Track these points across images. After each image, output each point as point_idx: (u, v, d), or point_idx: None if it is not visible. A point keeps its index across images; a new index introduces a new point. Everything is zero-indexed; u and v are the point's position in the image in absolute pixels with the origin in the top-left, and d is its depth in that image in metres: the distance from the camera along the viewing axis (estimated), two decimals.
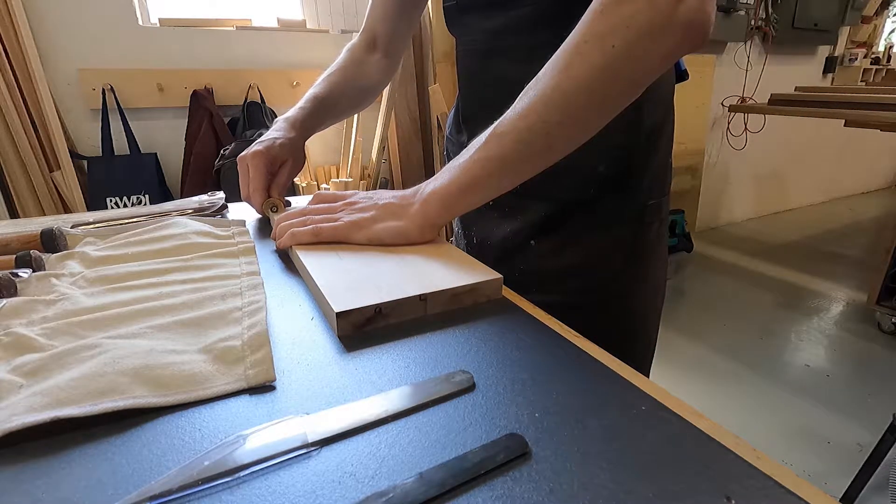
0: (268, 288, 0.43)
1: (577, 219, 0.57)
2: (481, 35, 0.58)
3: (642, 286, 0.60)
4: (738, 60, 2.98)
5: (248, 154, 0.62)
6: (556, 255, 0.58)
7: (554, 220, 0.58)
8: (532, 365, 0.33)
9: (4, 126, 1.50)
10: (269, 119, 1.86)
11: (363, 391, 0.30)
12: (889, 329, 2.06)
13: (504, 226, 0.61)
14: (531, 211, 0.59)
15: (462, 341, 0.36)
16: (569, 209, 0.57)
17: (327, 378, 0.32)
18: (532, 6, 0.52)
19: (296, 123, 0.66)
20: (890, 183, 4.56)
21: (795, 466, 1.38)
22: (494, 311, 0.40)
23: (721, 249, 3.05)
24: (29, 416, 0.26)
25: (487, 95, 0.56)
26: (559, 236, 0.58)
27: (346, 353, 0.34)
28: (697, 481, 0.23)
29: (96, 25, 1.63)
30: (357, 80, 0.73)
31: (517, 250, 0.60)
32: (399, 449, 0.26)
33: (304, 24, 2.00)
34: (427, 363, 0.33)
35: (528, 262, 0.59)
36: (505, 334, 0.37)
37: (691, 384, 1.77)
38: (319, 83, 0.71)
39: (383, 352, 0.35)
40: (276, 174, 0.64)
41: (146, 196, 1.72)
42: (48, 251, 0.49)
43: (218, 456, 0.24)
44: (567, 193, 0.56)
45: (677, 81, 0.64)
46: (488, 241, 0.64)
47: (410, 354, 0.34)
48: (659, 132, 0.57)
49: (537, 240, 0.59)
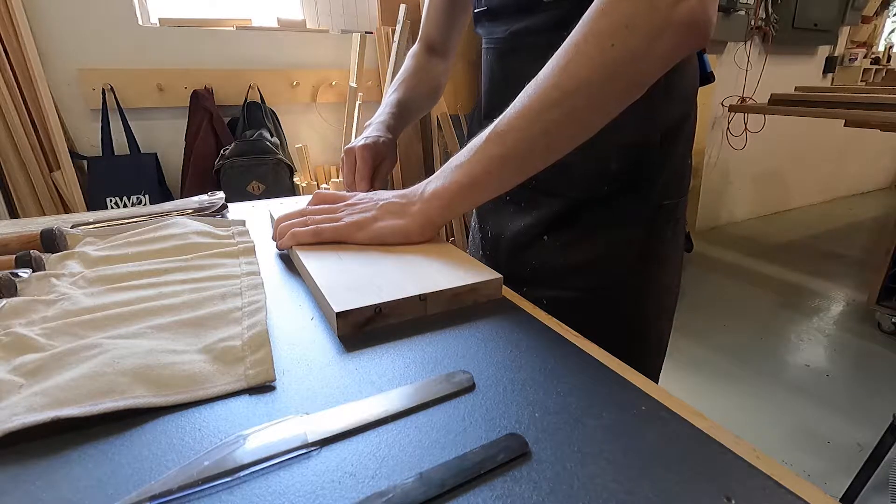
0: (268, 288, 0.43)
1: (589, 216, 0.57)
2: (503, 35, 0.59)
3: (654, 287, 0.59)
4: (738, 60, 2.98)
5: (357, 146, 0.64)
6: (567, 252, 0.58)
7: (566, 217, 0.58)
8: (532, 365, 0.33)
9: (4, 126, 1.50)
10: (269, 119, 1.86)
11: (363, 391, 0.30)
12: (889, 329, 2.06)
13: (518, 220, 0.62)
14: (544, 206, 0.59)
15: (462, 341, 0.36)
16: (581, 206, 0.57)
17: (327, 378, 0.32)
18: (557, 10, 0.52)
19: (389, 126, 0.70)
20: (890, 183, 4.55)
21: (795, 466, 1.38)
22: (494, 311, 0.40)
23: (721, 249, 3.05)
24: (29, 416, 0.26)
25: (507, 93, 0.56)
26: (572, 233, 0.58)
27: (346, 353, 0.34)
28: (697, 481, 0.23)
29: (96, 25, 1.63)
30: (427, 83, 0.78)
31: (530, 245, 0.60)
32: (399, 449, 0.26)
33: (304, 24, 2.00)
34: (427, 363, 0.33)
35: (540, 258, 0.59)
36: (505, 334, 0.37)
37: (691, 384, 1.77)
38: (397, 88, 0.75)
39: (383, 352, 0.35)
40: (378, 168, 0.66)
41: (146, 196, 1.72)
42: (48, 251, 0.49)
43: (218, 456, 0.24)
44: (579, 191, 0.56)
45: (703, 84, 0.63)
46: (502, 235, 0.64)
47: (410, 354, 0.34)
48: (676, 132, 0.56)
49: (550, 235, 0.59)
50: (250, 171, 1.73)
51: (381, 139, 0.66)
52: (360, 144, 0.64)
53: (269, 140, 1.77)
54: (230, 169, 1.71)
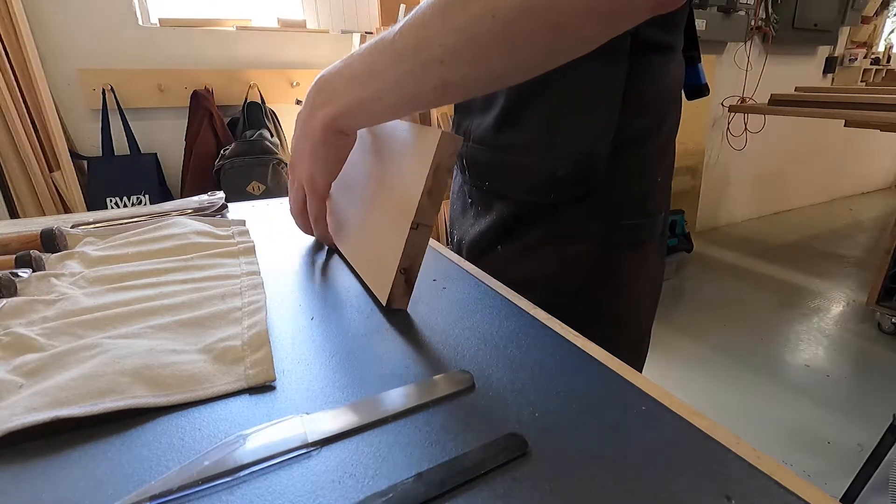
0: (268, 288, 0.43)
1: (537, 226, 0.55)
2: None
3: (602, 314, 0.55)
4: (738, 60, 2.97)
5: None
6: (518, 264, 0.56)
7: (515, 225, 0.56)
8: (532, 365, 0.33)
9: (4, 126, 1.50)
10: (269, 119, 1.86)
11: (363, 391, 0.30)
12: (889, 329, 2.06)
13: (475, 226, 0.61)
14: (495, 211, 0.58)
15: (462, 341, 0.36)
16: (529, 213, 0.55)
17: (327, 378, 0.32)
18: None
19: None
20: (890, 183, 4.55)
21: (795, 466, 1.38)
22: (494, 311, 0.40)
23: (721, 249, 3.05)
24: (29, 416, 0.26)
25: None
26: (520, 244, 0.56)
27: (346, 353, 0.34)
28: (697, 481, 0.23)
29: (96, 25, 1.63)
30: None
31: (486, 254, 0.59)
32: (399, 449, 0.26)
33: (304, 24, 2.00)
34: (427, 363, 0.33)
35: (494, 269, 0.55)
36: (505, 334, 0.37)
37: (691, 384, 1.77)
38: None
39: (383, 352, 0.35)
40: None
41: (146, 196, 1.72)
42: (48, 251, 0.49)
43: (218, 456, 0.24)
44: (525, 195, 0.54)
45: (694, 97, 0.59)
46: (464, 240, 0.64)
47: (410, 354, 0.34)
48: (635, 147, 0.52)
49: (503, 246, 0.58)
50: (250, 171, 1.73)
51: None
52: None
53: (269, 140, 1.77)
54: (230, 169, 1.71)
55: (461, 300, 0.43)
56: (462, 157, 0.62)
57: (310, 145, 0.44)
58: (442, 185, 0.37)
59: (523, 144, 0.53)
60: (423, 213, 0.37)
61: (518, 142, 0.54)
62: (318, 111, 0.42)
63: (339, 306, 0.42)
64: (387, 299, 0.40)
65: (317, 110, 0.43)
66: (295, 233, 0.60)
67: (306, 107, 0.44)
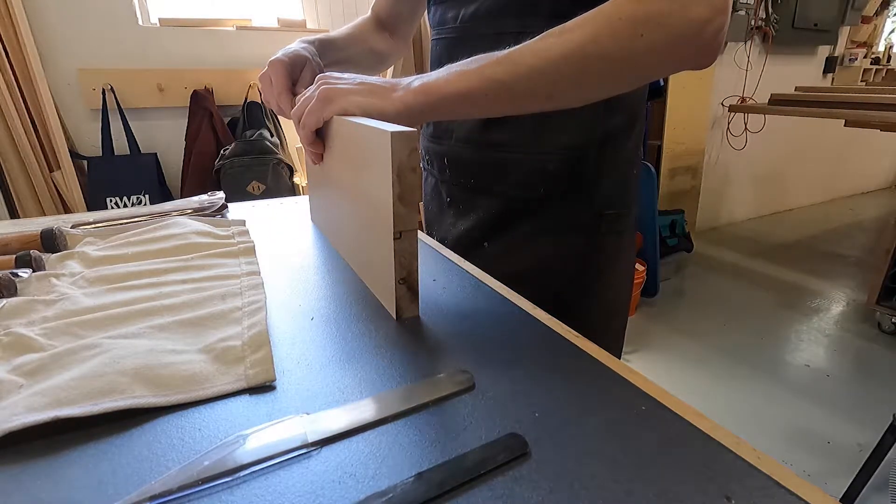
0: (268, 288, 0.43)
1: (527, 222, 0.57)
2: (453, 24, 0.59)
3: (595, 302, 0.58)
4: (738, 60, 2.97)
5: (267, 66, 0.59)
6: (507, 259, 0.58)
7: (504, 220, 0.57)
8: (532, 365, 0.33)
9: (4, 126, 1.50)
10: (269, 119, 1.86)
11: (363, 391, 0.30)
12: (889, 329, 2.05)
13: (459, 224, 0.62)
14: (482, 208, 0.59)
15: (462, 341, 0.36)
16: (519, 209, 0.57)
17: (327, 378, 0.32)
18: None
19: (303, 47, 0.63)
20: (890, 183, 4.55)
21: (795, 466, 1.38)
22: (494, 312, 0.40)
23: (721, 249, 3.05)
24: (29, 416, 0.26)
25: None
26: (510, 238, 0.58)
27: (346, 354, 0.34)
28: (697, 481, 0.23)
29: (96, 25, 1.63)
30: (361, 43, 0.72)
31: (471, 252, 0.59)
32: (399, 449, 0.26)
33: (304, 24, 2.00)
34: (427, 363, 0.33)
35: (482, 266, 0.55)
36: (505, 334, 0.37)
37: (691, 384, 1.77)
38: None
39: (383, 352, 0.35)
40: (300, 77, 0.61)
41: (146, 196, 1.72)
42: (48, 251, 0.49)
43: (218, 456, 0.24)
44: (515, 190, 0.56)
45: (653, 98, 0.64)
46: (446, 240, 0.64)
47: (410, 354, 0.34)
48: (617, 141, 0.56)
49: (490, 242, 0.59)
50: (250, 171, 1.73)
51: (291, 51, 0.61)
52: (269, 62, 0.59)
53: (269, 140, 1.77)
54: (230, 169, 1.71)
55: (461, 300, 0.43)
56: (443, 157, 0.63)
57: (380, 90, 0.45)
58: (411, 187, 0.36)
59: (512, 141, 0.55)
60: (401, 221, 0.37)
61: (507, 139, 0.56)
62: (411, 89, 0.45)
63: (339, 306, 0.42)
64: (395, 313, 0.40)
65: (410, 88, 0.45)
66: (295, 233, 0.60)
67: (399, 85, 0.45)
